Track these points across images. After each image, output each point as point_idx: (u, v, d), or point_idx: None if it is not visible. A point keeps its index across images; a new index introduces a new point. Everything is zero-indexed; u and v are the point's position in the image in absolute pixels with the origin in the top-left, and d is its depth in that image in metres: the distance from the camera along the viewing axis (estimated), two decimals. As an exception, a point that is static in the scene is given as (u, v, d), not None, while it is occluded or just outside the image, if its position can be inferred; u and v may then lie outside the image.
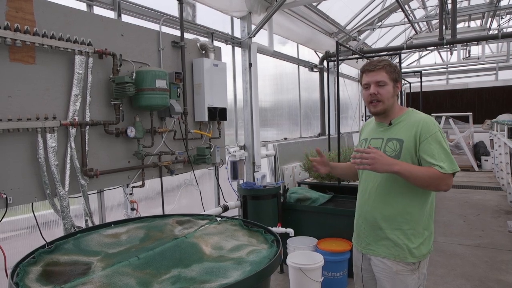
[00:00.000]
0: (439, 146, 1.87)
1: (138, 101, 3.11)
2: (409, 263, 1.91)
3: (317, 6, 6.57)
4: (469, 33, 8.03)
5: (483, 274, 3.96)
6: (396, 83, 1.99)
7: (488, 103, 11.95)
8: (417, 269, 1.93)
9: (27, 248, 1.87)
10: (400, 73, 2.01)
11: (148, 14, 3.67)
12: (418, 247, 1.92)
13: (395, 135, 1.97)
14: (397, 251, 1.93)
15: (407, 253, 1.91)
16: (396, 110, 2.02)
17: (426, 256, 1.98)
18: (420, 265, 1.95)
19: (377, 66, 1.96)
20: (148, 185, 3.44)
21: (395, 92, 1.99)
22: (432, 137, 1.87)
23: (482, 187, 8.37)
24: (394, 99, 2.00)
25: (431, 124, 1.91)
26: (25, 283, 1.51)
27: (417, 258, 1.92)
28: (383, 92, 1.95)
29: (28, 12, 2.46)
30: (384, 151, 1.96)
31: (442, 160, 1.84)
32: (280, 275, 4.05)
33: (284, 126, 6.68)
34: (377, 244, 1.99)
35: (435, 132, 1.88)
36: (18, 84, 2.43)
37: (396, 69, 1.99)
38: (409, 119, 1.96)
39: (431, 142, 1.87)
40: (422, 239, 1.94)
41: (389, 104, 1.98)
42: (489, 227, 5.52)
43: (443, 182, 1.83)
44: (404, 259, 1.91)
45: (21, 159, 2.47)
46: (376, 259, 2.00)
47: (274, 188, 4.17)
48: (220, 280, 1.52)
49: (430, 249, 2.00)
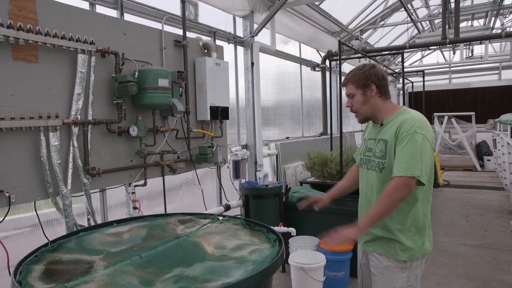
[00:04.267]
0: (409, 147, 1.79)
1: (140, 100, 3.11)
2: (400, 260, 1.91)
3: (320, 5, 6.55)
4: (472, 32, 7.99)
5: (486, 274, 3.94)
6: (366, 88, 1.96)
7: (491, 102, 11.90)
8: (408, 268, 1.91)
9: (30, 246, 1.88)
10: (371, 74, 1.95)
11: (151, 13, 3.67)
12: (409, 245, 1.90)
13: (383, 135, 1.96)
14: (390, 248, 1.94)
15: (398, 250, 1.91)
16: (386, 111, 1.99)
17: (420, 257, 1.93)
18: (412, 265, 1.92)
19: (345, 81, 2.04)
20: (150, 184, 3.44)
21: (368, 96, 1.97)
22: (406, 137, 1.81)
23: (485, 187, 8.34)
24: (372, 102, 1.97)
25: (412, 123, 1.84)
26: (28, 281, 1.51)
27: (409, 256, 1.90)
28: (354, 103, 2.01)
29: (31, 11, 2.47)
30: (375, 151, 1.99)
31: (401, 161, 1.79)
32: (282, 274, 4.04)
33: (286, 125, 6.68)
34: (373, 241, 2.02)
35: (412, 132, 1.81)
36: (21, 82, 2.44)
37: (362, 76, 1.96)
38: (397, 119, 1.92)
39: (403, 142, 1.82)
40: (414, 238, 1.91)
41: (366, 110, 2.00)
42: (492, 227, 5.50)
43: (401, 188, 1.75)
44: (395, 256, 1.91)
45: (24, 157, 2.47)
46: (372, 255, 2.03)
47: (276, 188, 4.17)
48: (223, 279, 1.52)
49: (426, 250, 1.95)
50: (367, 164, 2.04)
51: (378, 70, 1.98)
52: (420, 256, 1.93)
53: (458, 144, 10.74)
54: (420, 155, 1.77)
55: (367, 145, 2.08)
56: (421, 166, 1.76)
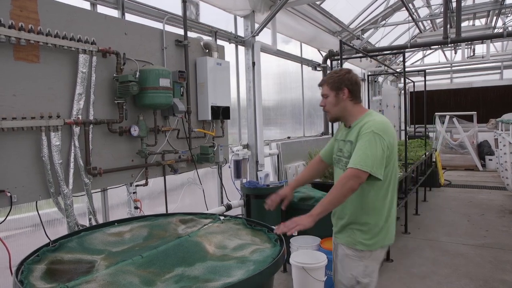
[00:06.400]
0: (364, 144, 1.94)
1: (141, 100, 3.11)
2: (358, 250, 2.06)
3: (321, 5, 6.54)
4: (474, 32, 7.96)
5: (487, 274, 3.93)
6: (339, 91, 2.11)
7: (493, 102, 11.85)
8: (366, 258, 2.05)
9: (31, 246, 1.88)
10: (345, 79, 2.10)
11: (152, 13, 3.67)
12: (367, 237, 2.04)
13: (350, 137, 2.11)
14: (350, 238, 2.10)
15: (357, 240, 2.07)
16: (355, 114, 2.13)
17: (378, 248, 2.06)
18: (371, 255, 2.05)
19: (322, 82, 2.20)
20: (152, 184, 3.45)
21: (340, 99, 2.12)
22: (364, 136, 1.96)
23: (487, 187, 8.33)
24: (343, 105, 2.12)
25: (371, 125, 1.98)
26: (30, 281, 1.51)
27: (367, 247, 2.04)
28: (327, 103, 2.17)
29: (32, 11, 2.47)
30: (344, 151, 2.14)
31: (355, 155, 1.95)
32: (283, 274, 4.04)
33: (288, 125, 6.67)
34: (339, 232, 2.19)
35: (369, 132, 1.95)
36: (22, 83, 2.44)
37: (337, 79, 2.11)
38: (362, 122, 2.07)
39: (360, 140, 1.98)
40: (373, 230, 2.05)
41: (336, 111, 2.15)
42: (493, 227, 5.49)
43: (352, 178, 1.89)
44: (354, 245, 2.08)
45: (25, 157, 2.48)
46: (339, 245, 2.21)
47: (278, 187, 4.16)
48: (224, 279, 1.52)
49: (384, 243, 2.07)
50: (339, 163, 2.20)
51: (352, 76, 2.14)
52: (378, 248, 2.07)
53: (459, 144, 10.72)
54: (372, 152, 1.92)
55: (339, 146, 2.23)
56: (372, 162, 1.90)
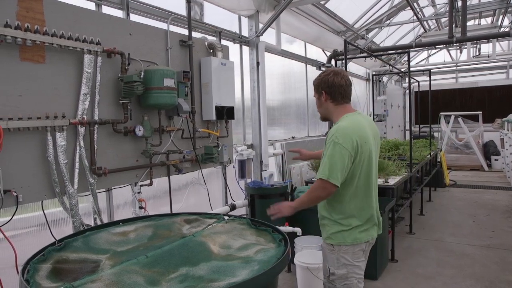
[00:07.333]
0: (327, 153, 2.08)
1: (146, 100, 3.12)
2: (329, 243, 2.22)
3: (325, 5, 6.53)
4: (479, 31, 7.90)
5: (493, 275, 3.90)
6: (319, 93, 2.24)
7: (499, 101, 11.75)
8: (336, 252, 2.18)
9: (37, 245, 1.89)
10: (322, 81, 2.21)
11: (156, 13, 3.68)
12: (335, 233, 2.18)
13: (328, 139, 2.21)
14: (324, 233, 2.28)
15: (328, 235, 2.23)
16: (337, 115, 2.24)
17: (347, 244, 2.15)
18: (341, 250, 2.16)
19: None
20: (156, 184, 3.46)
21: (322, 101, 2.25)
22: (328, 145, 2.10)
23: (492, 187, 8.26)
24: (325, 106, 2.25)
25: (334, 133, 2.09)
26: (36, 280, 1.52)
27: (336, 242, 2.18)
28: (316, 104, 2.33)
29: (38, 12, 2.48)
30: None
31: (321, 166, 2.11)
32: (287, 274, 4.04)
33: (292, 125, 6.66)
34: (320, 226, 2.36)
35: (330, 142, 2.08)
36: (28, 83, 2.46)
37: (317, 81, 2.25)
38: (334, 126, 2.18)
39: (325, 149, 2.12)
40: (341, 227, 2.17)
41: (321, 112, 2.32)
42: (499, 228, 5.44)
43: (319, 189, 2.09)
44: (326, 239, 2.25)
45: (31, 157, 2.49)
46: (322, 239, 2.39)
47: (282, 187, 4.16)
48: (228, 279, 1.52)
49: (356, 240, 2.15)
50: None
51: (330, 77, 2.19)
52: (348, 243, 2.16)
53: (465, 144, 10.65)
54: (333, 162, 2.04)
55: None
56: (330, 171, 2.03)
